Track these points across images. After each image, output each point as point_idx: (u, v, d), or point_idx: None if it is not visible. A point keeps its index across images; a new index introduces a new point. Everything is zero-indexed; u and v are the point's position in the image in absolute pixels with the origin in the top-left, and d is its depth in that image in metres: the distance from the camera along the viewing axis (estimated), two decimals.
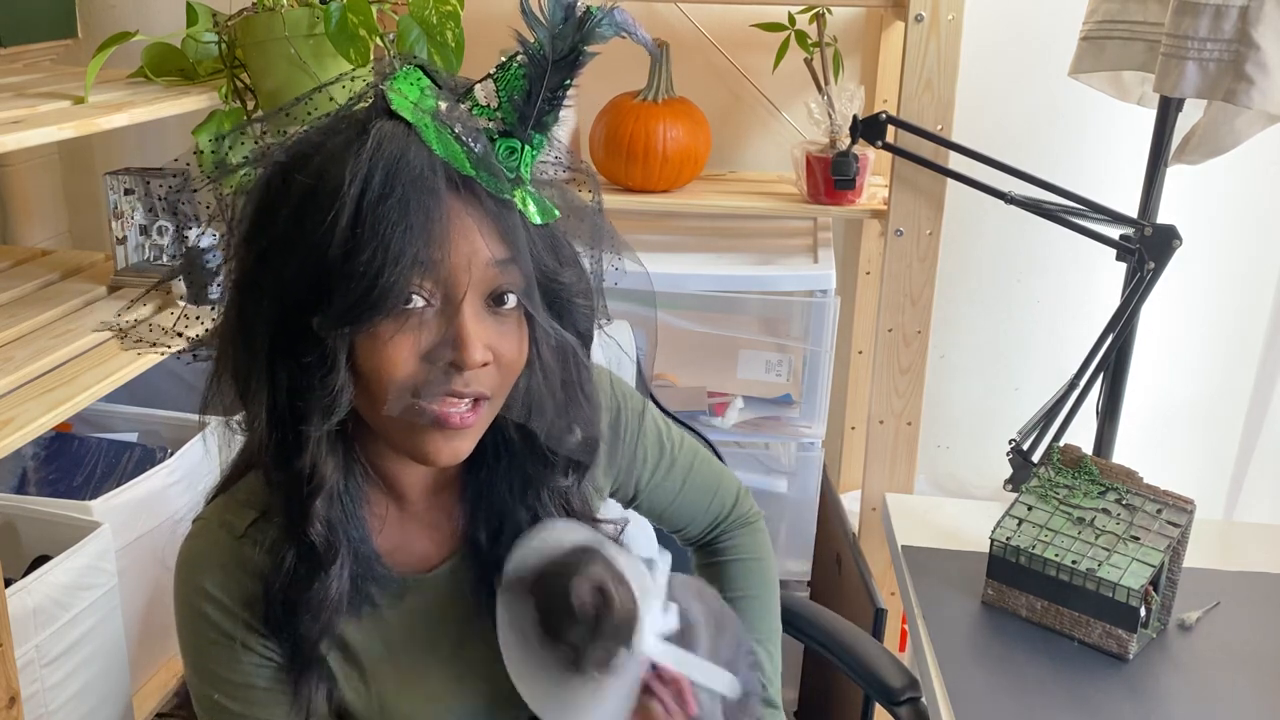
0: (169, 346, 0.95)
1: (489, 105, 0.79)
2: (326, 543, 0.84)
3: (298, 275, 0.76)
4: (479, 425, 0.83)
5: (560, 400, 0.87)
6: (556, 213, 0.81)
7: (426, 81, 0.79)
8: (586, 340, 0.89)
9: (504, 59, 0.79)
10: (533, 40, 0.77)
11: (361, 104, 0.80)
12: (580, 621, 0.84)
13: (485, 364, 0.79)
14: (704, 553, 1.15)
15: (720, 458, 1.36)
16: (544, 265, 0.82)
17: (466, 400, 0.80)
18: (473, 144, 0.77)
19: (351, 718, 0.92)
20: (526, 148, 0.79)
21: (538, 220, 0.80)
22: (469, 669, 0.93)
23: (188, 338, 0.93)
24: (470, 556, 0.93)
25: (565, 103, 0.79)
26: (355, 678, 0.91)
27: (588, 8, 0.76)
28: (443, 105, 0.78)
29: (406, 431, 0.81)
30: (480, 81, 0.79)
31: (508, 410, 0.86)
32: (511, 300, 0.80)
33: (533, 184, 0.81)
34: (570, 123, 1.83)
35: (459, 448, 0.82)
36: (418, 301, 0.76)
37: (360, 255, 0.73)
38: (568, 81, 0.78)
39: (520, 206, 0.79)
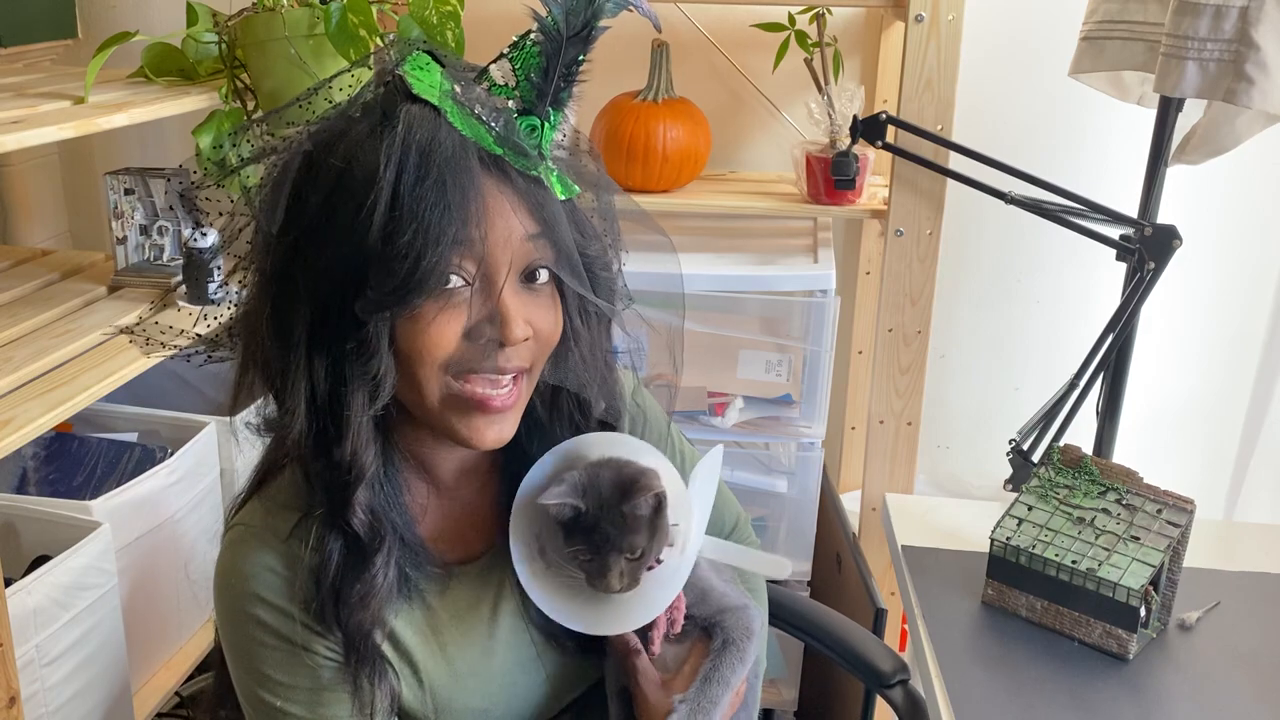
0: (178, 346, 0.95)
1: (506, 84, 0.80)
2: (371, 530, 0.84)
3: (334, 263, 0.77)
4: (519, 405, 0.84)
5: (593, 369, 0.89)
6: (577, 189, 0.83)
7: (436, 66, 0.80)
8: (609, 312, 0.91)
9: (516, 37, 0.80)
10: (546, 15, 0.78)
11: (373, 91, 0.80)
12: (640, 527, 0.85)
13: (525, 339, 0.81)
14: None
15: None
16: (573, 238, 0.83)
17: (507, 379, 0.82)
18: (494, 123, 0.78)
19: (407, 715, 0.91)
20: (545, 125, 0.80)
21: (561, 195, 0.82)
22: (520, 663, 0.93)
23: (197, 336, 0.93)
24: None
25: (579, 78, 0.81)
26: (408, 674, 0.90)
27: None
28: (458, 87, 0.79)
29: (450, 415, 0.82)
30: (493, 62, 0.81)
31: (546, 377, 0.87)
32: (544, 275, 0.82)
33: (552, 161, 0.82)
34: (570, 123, 1.83)
35: (502, 431, 0.84)
36: (457, 281, 0.78)
37: (401, 238, 0.74)
38: (581, 57, 0.80)
39: (546, 181, 0.81)
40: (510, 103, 0.80)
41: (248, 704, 0.89)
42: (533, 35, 0.79)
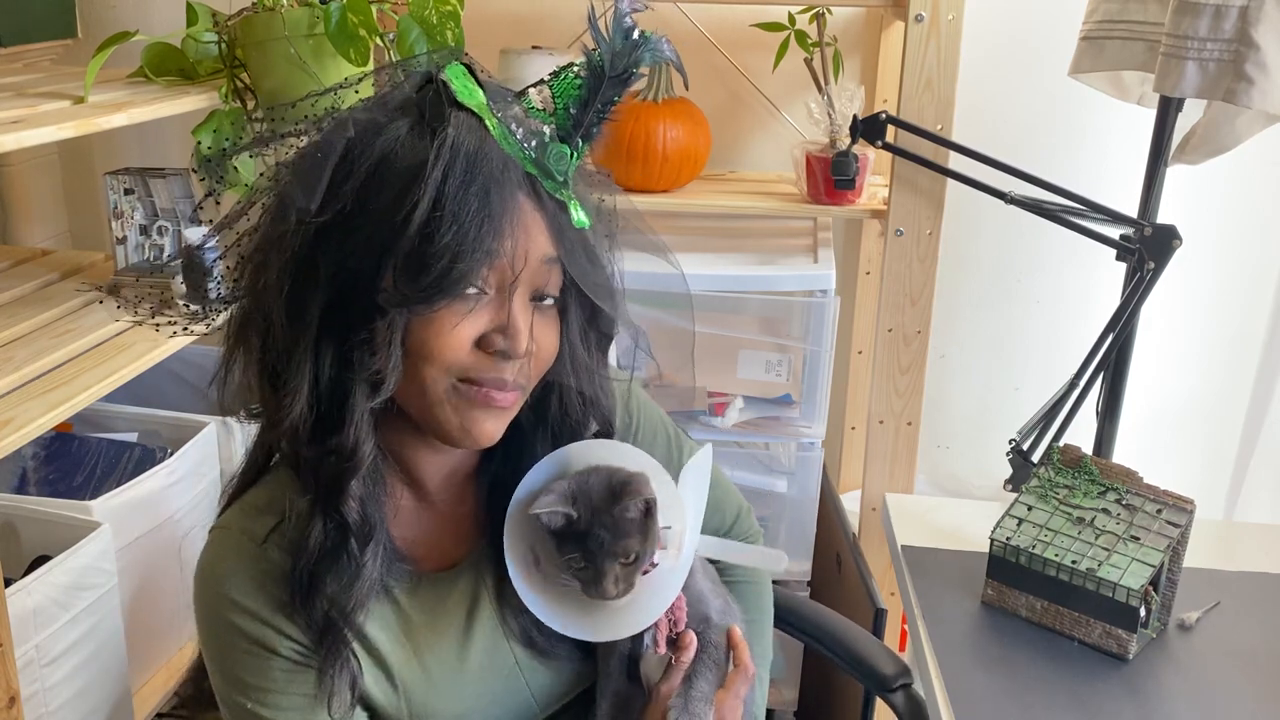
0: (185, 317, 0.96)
1: (544, 109, 0.83)
2: (361, 519, 0.84)
3: (361, 251, 0.78)
4: (513, 409, 0.86)
5: (586, 393, 0.91)
6: (589, 220, 0.85)
7: (472, 79, 0.82)
8: (607, 340, 0.93)
9: (559, 68, 0.84)
10: (595, 53, 0.81)
11: (409, 91, 0.82)
12: (632, 531, 0.86)
13: (530, 354, 0.82)
14: None
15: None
16: (584, 266, 0.85)
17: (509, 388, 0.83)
18: (529, 144, 0.80)
19: (381, 718, 0.92)
20: (574, 154, 0.83)
21: (577, 224, 0.84)
22: (498, 671, 0.93)
23: (190, 310, 0.95)
24: (489, 553, 0.93)
25: (610, 117, 0.84)
26: (381, 677, 0.90)
27: (643, 33, 0.82)
28: (495, 104, 0.81)
29: (449, 411, 0.83)
30: (534, 86, 0.84)
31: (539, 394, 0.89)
32: (551, 299, 0.84)
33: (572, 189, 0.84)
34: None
35: (495, 428, 0.85)
36: (474, 290, 0.79)
37: (440, 239, 0.76)
38: (617, 97, 0.83)
39: (568, 208, 0.83)
40: (546, 128, 0.83)
41: (224, 706, 0.90)
42: (576, 68, 0.82)
